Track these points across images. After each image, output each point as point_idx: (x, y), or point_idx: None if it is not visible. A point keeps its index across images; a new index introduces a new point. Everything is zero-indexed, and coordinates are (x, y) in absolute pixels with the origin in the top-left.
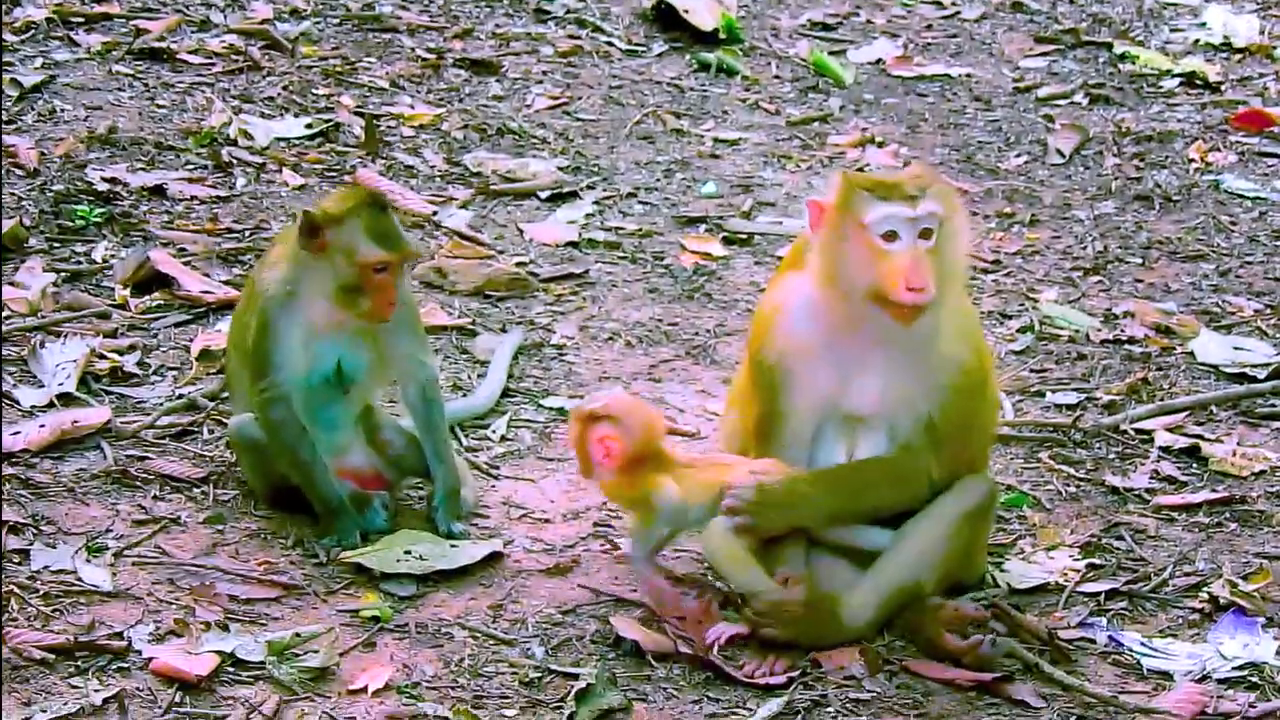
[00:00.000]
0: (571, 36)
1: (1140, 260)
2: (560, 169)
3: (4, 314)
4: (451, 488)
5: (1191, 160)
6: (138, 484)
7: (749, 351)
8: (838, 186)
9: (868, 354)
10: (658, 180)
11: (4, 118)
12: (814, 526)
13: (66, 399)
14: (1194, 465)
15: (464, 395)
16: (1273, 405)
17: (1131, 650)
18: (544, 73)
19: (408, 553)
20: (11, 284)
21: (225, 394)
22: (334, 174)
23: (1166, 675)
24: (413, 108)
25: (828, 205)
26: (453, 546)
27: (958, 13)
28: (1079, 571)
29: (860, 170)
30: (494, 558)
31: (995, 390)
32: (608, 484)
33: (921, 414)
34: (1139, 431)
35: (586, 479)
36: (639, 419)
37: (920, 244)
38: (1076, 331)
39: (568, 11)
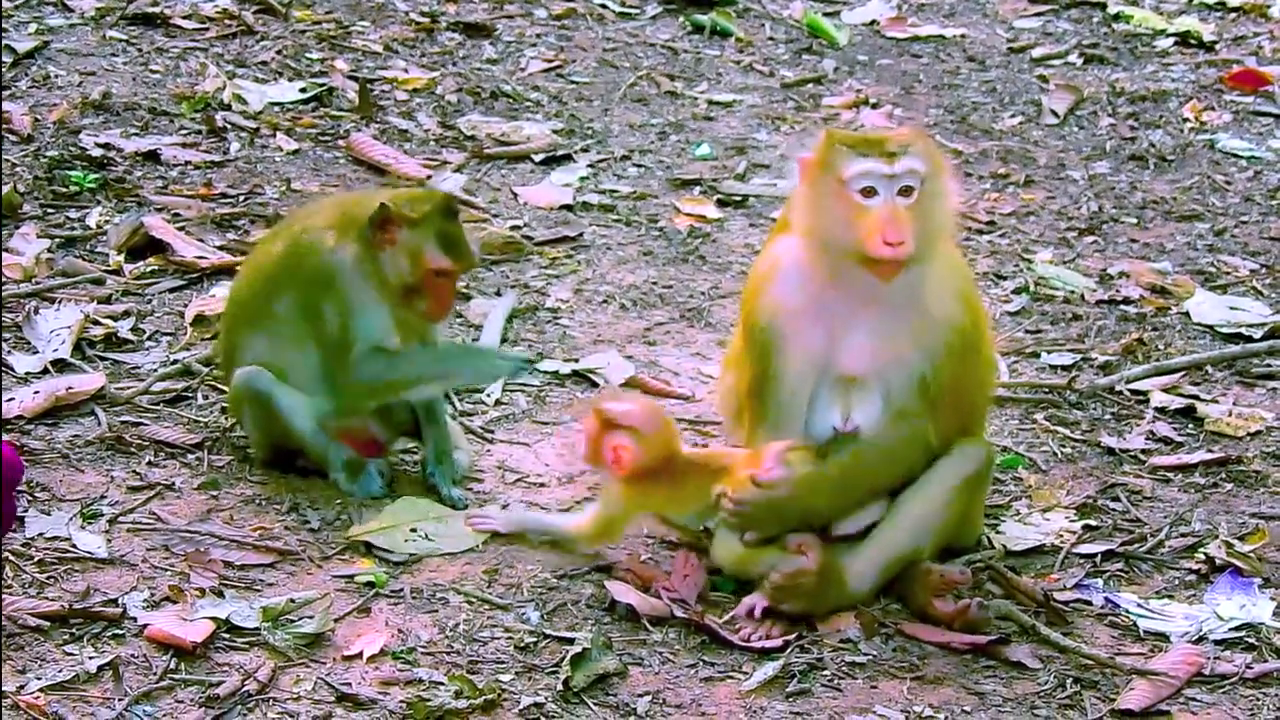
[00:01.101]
0: None
1: (1135, 220)
2: (554, 132)
3: (2, 282)
4: (444, 450)
5: (1186, 120)
6: (132, 450)
7: (742, 314)
8: (819, 142)
9: (856, 313)
10: (652, 143)
11: (1, 84)
12: (817, 522)
13: (61, 365)
14: (1190, 426)
15: None
16: (1268, 365)
17: (1128, 612)
18: (538, 36)
19: (413, 530)
20: (6, 250)
21: (218, 359)
22: (328, 139)
23: (1163, 636)
24: (406, 71)
25: (809, 161)
26: (455, 523)
27: None
28: (1075, 533)
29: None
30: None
31: (991, 351)
32: (615, 491)
33: (915, 374)
34: (1134, 392)
35: (588, 466)
36: (657, 435)
37: (899, 201)
38: (1072, 292)
39: None
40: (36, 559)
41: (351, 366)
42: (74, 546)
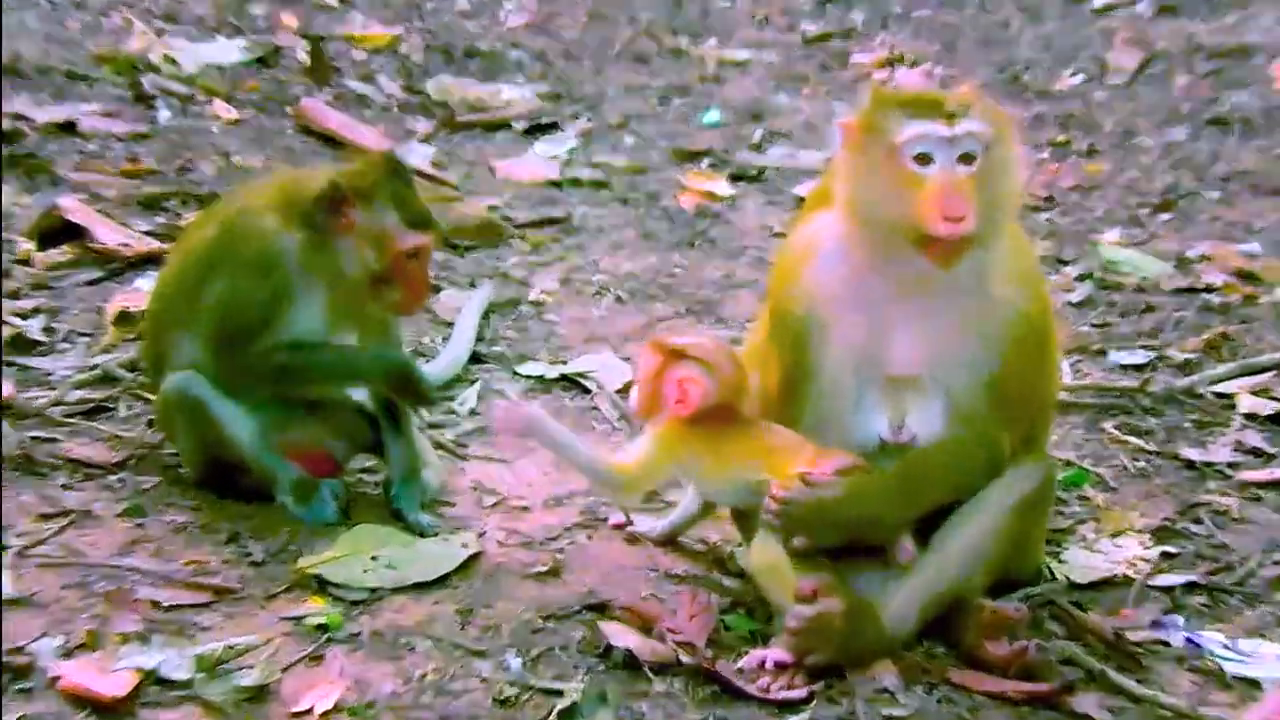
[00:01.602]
0: None
1: (1218, 194)
2: (538, 96)
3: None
4: (411, 469)
5: (1273, 79)
6: (43, 471)
7: (770, 303)
8: (865, 102)
9: (908, 303)
10: (652, 108)
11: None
12: (873, 535)
13: None
14: None
15: (427, 360)
16: None
17: (1213, 654)
18: None
19: (374, 559)
20: None
21: (144, 363)
22: (273, 105)
23: (1254, 683)
24: (365, 27)
25: (853, 125)
26: (424, 548)
27: None
28: (1150, 561)
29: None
30: (473, 556)
31: (1057, 349)
32: (667, 430)
33: (981, 373)
34: (1219, 395)
35: (641, 418)
36: (731, 369)
37: (960, 169)
38: (1144, 279)
39: None
40: None
41: (255, 355)
42: None
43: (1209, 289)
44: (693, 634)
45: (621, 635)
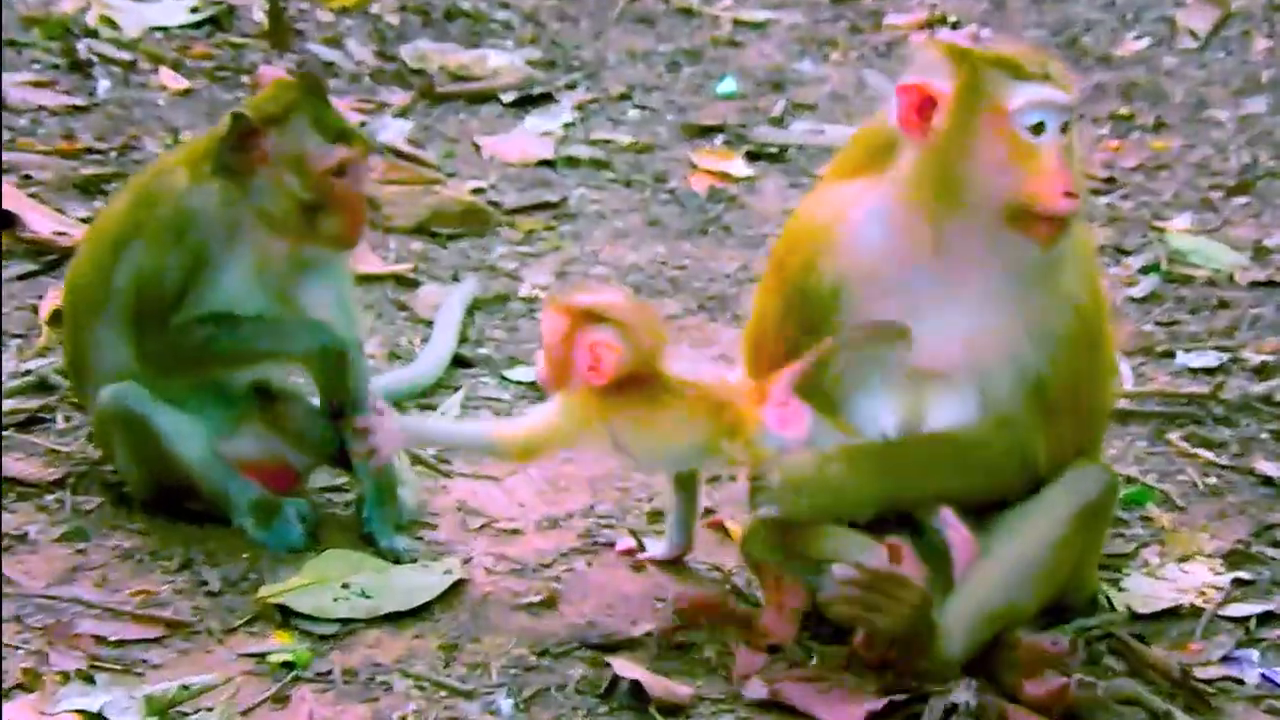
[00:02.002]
0: None
1: None
2: (529, 63)
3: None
4: (385, 487)
5: None
6: None
7: (782, 276)
8: (957, 64)
9: (953, 290)
10: (659, 77)
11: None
12: (857, 510)
13: None
14: None
15: (403, 364)
16: None
17: None
18: None
19: (345, 587)
20: None
21: (66, 367)
22: (227, 74)
23: None
24: None
25: (943, 90)
26: (401, 576)
27: None
28: (1222, 590)
29: None
30: (457, 585)
31: (1113, 349)
32: (577, 401)
33: (1027, 374)
34: None
35: (549, 389)
36: (647, 330)
37: (1062, 139)
38: (1216, 271)
39: None
40: None
41: (175, 332)
42: None
43: None
44: (781, 631)
45: (628, 667)
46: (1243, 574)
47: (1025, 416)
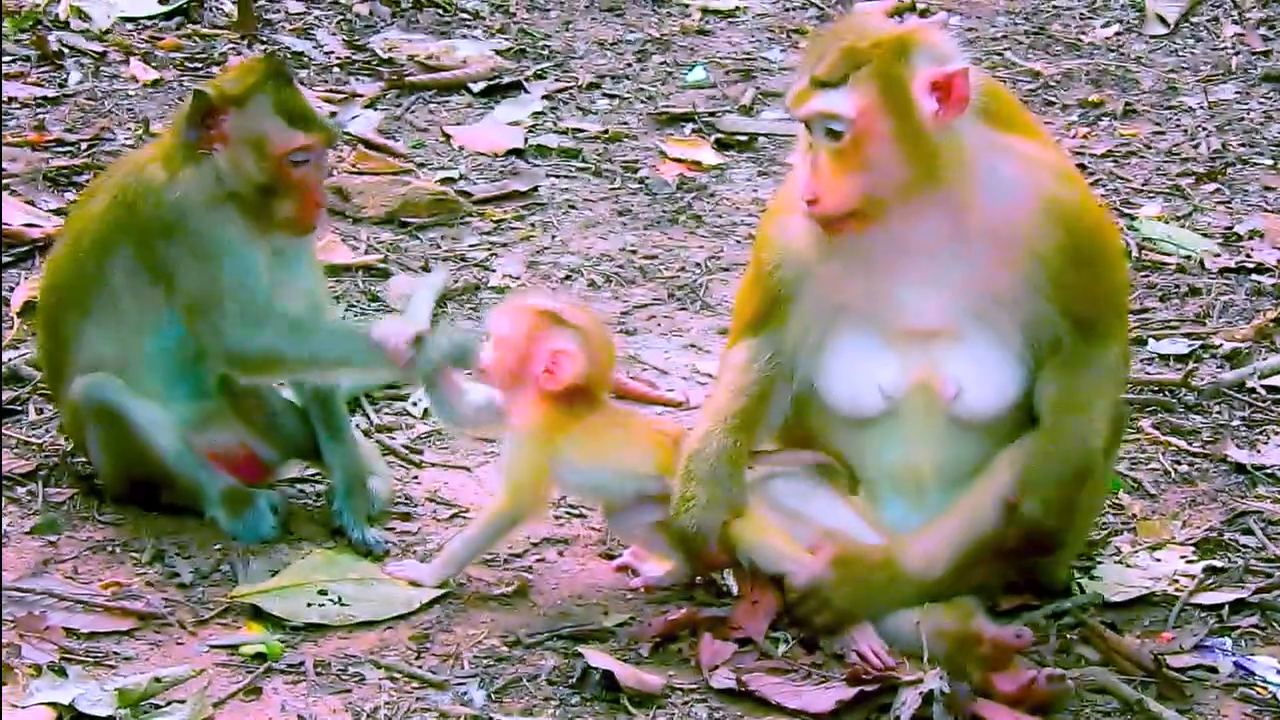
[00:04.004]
0: None
1: (1271, 162)
2: (498, 53)
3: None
4: (355, 478)
5: None
6: None
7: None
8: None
9: (909, 253)
10: (628, 65)
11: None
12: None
13: None
14: None
15: None
16: None
17: (1265, 681)
18: None
19: (322, 593)
20: None
21: (42, 363)
22: (197, 65)
23: None
24: None
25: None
26: (382, 586)
27: None
28: (1194, 577)
29: None
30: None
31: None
32: (537, 419)
33: (1026, 304)
34: (1271, 389)
35: (493, 384)
36: (603, 344)
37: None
38: (1187, 258)
39: None
40: None
41: (228, 330)
42: None
43: (1260, 269)
44: (753, 628)
45: (600, 657)
46: (1215, 562)
47: (1049, 355)
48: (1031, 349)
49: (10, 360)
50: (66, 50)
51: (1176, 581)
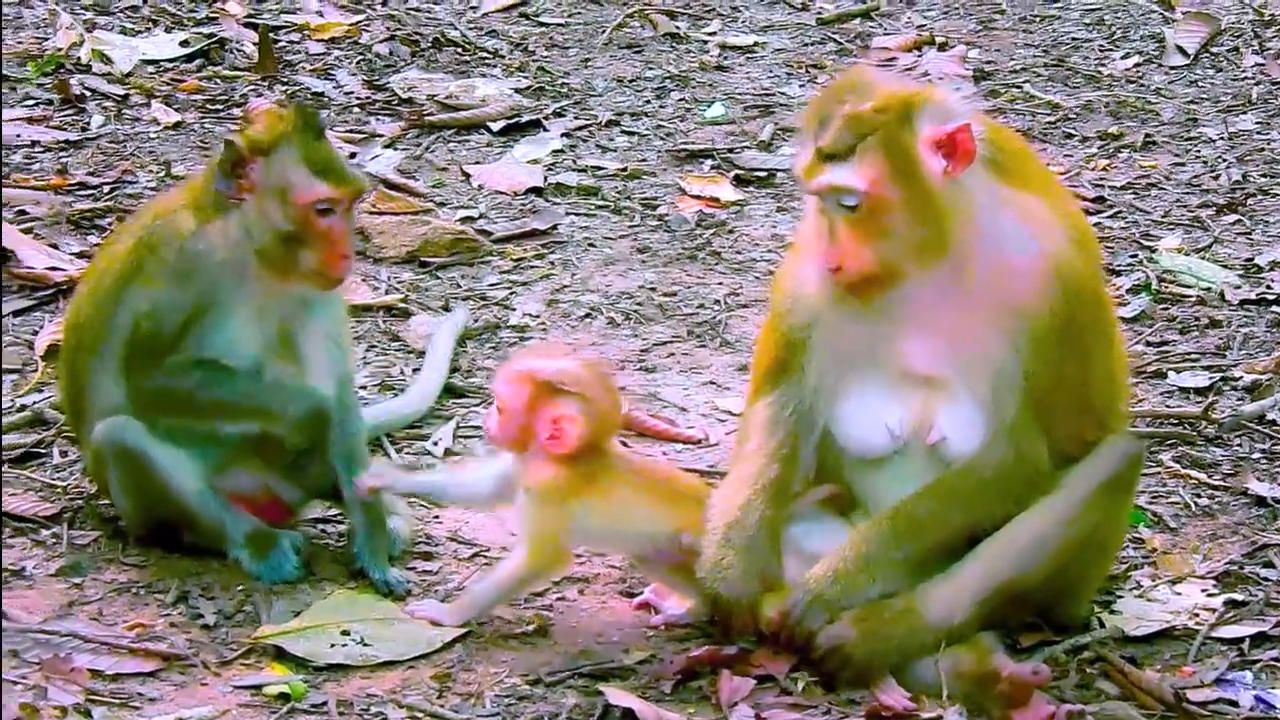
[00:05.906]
0: None
1: None
2: (518, 91)
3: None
4: (375, 518)
5: None
6: None
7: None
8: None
9: (919, 299)
10: (647, 103)
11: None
12: (899, 584)
13: None
14: None
15: (394, 395)
16: None
17: None
18: None
19: (345, 633)
20: None
21: (63, 404)
22: (218, 108)
23: None
24: (321, 15)
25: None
26: (405, 626)
27: None
28: (1214, 611)
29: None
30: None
31: (1109, 336)
32: (536, 472)
33: (1008, 375)
34: None
35: (499, 447)
36: (605, 398)
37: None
38: (1207, 290)
39: None
40: None
41: (166, 373)
42: None
43: None
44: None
45: (621, 695)
46: (1235, 595)
47: (1021, 422)
48: (1002, 408)
49: (34, 404)
50: (89, 94)
51: (1197, 615)
